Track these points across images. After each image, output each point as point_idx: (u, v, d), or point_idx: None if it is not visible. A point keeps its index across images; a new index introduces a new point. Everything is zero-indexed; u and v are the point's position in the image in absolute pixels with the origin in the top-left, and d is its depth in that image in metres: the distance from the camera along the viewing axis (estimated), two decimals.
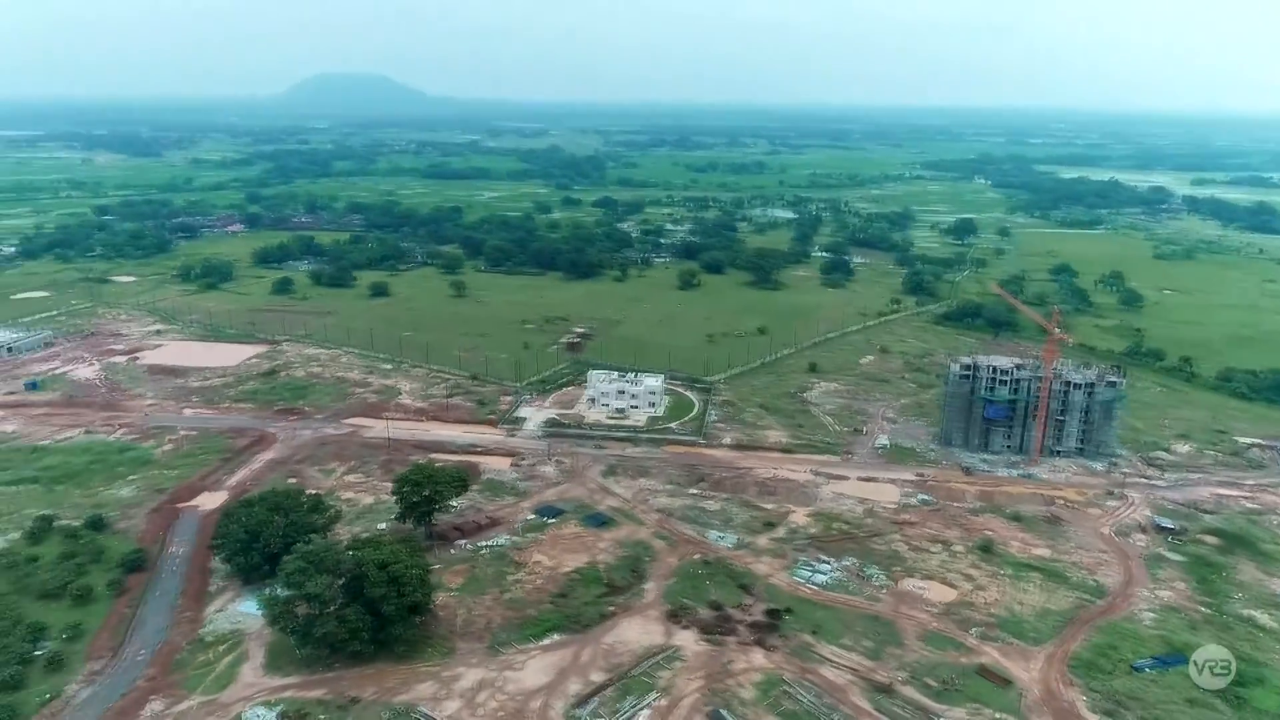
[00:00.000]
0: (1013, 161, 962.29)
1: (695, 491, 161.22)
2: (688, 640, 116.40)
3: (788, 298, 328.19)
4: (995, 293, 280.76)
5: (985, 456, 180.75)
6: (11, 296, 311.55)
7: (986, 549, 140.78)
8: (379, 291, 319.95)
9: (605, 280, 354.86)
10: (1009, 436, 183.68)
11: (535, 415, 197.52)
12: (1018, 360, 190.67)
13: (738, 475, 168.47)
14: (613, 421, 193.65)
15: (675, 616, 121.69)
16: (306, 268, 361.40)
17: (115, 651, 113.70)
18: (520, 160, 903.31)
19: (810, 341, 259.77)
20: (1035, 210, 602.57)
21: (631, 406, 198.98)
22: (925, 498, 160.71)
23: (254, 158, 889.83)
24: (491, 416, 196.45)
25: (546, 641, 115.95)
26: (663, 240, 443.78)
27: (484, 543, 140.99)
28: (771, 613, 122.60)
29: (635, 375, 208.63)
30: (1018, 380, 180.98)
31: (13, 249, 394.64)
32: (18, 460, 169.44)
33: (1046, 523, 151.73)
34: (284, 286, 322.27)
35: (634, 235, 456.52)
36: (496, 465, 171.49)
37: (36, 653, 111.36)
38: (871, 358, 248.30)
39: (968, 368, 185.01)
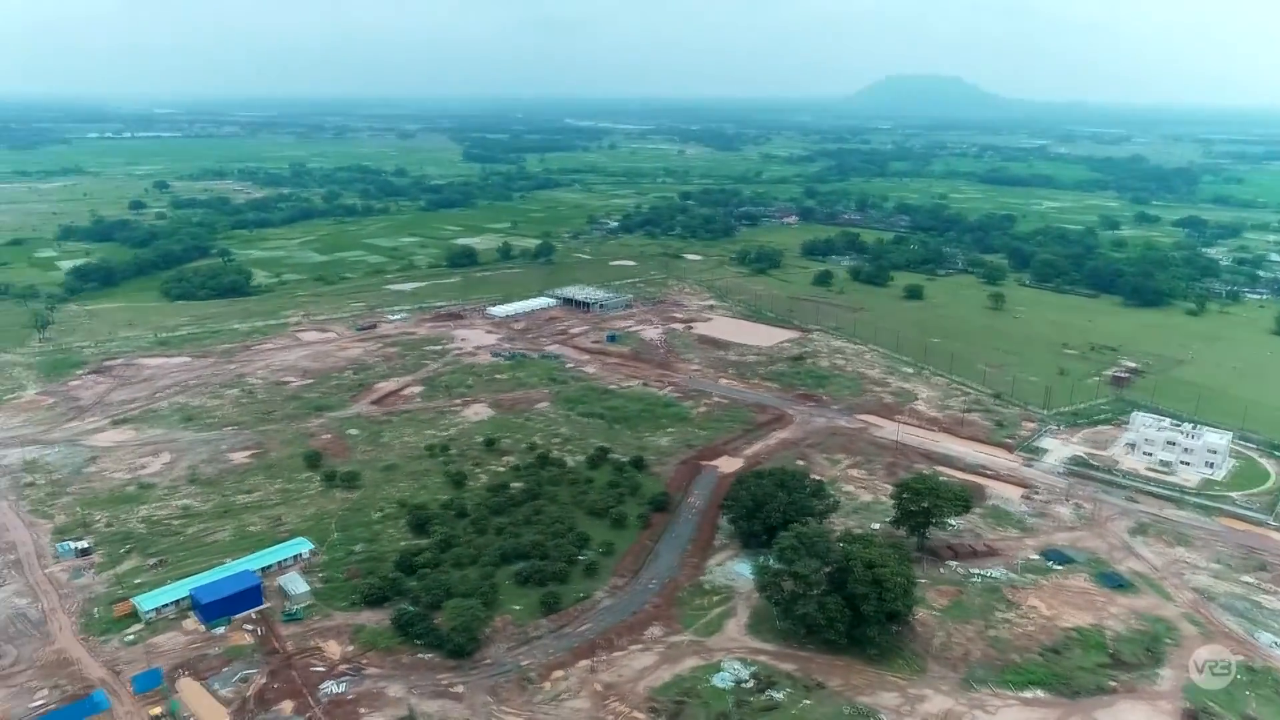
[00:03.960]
0: None
1: (1250, 580, 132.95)
2: None
3: None
4: None
5: None
6: (609, 263, 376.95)
7: None
8: (913, 294, 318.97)
9: (1174, 312, 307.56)
10: None
11: (1059, 449, 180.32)
12: None
13: None
14: (1153, 474, 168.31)
15: (1195, 718, 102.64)
16: (847, 263, 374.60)
17: (634, 575, 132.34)
18: (1091, 169, 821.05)
19: None
20: None
21: (1181, 462, 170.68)
22: None
23: (817, 155, 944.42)
24: (1009, 440, 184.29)
25: (1027, 694, 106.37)
26: (1261, 273, 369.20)
27: (976, 570, 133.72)
28: None
29: (1194, 427, 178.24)
30: None
31: (615, 223, 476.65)
32: (592, 398, 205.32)
33: None
34: (824, 279, 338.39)
35: (1222, 263, 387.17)
36: (1004, 493, 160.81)
37: (580, 558, 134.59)
38: None
39: None
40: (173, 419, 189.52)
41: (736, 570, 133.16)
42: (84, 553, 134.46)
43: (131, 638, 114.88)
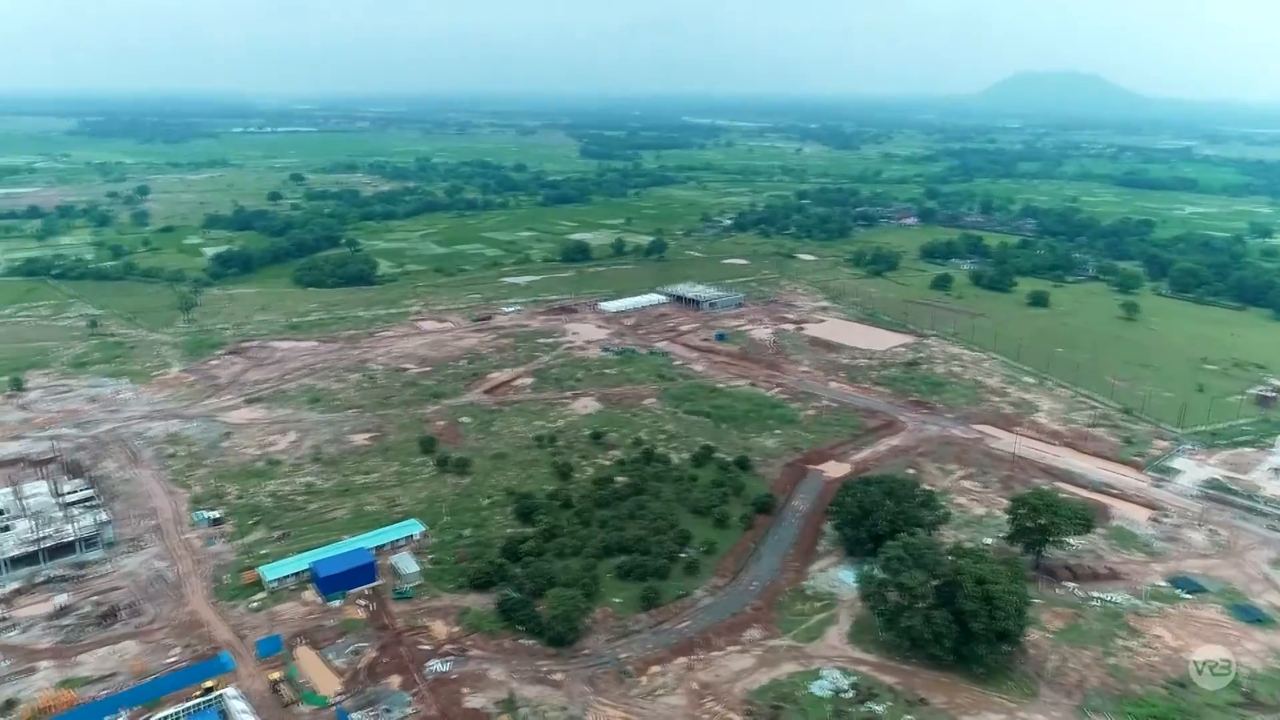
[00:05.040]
0: None
1: None
2: None
3: None
4: None
5: None
6: (721, 261, 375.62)
7: None
8: (1037, 301, 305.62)
9: None
10: None
11: (1193, 470, 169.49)
12: None
13: None
14: None
15: None
16: (968, 267, 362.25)
17: (735, 576, 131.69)
18: (1241, 172, 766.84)
19: None
20: None
21: None
22: None
23: (940, 154, 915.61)
24: (1137, 459, 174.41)
25: None
26: None
27: (1096, 594, 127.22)
28: None
29: None
30: None
31: (729, 221, 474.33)
32: (699, 396, 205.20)
33: None
34: (942, 283, 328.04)
35: None
36: (1130, 514, 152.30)
37: (681, 555, 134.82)
38: None
39: None
40: (300, 400, 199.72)
41: (840, 577, 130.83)
42: (216, 522, 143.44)
43: (256, 605, 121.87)
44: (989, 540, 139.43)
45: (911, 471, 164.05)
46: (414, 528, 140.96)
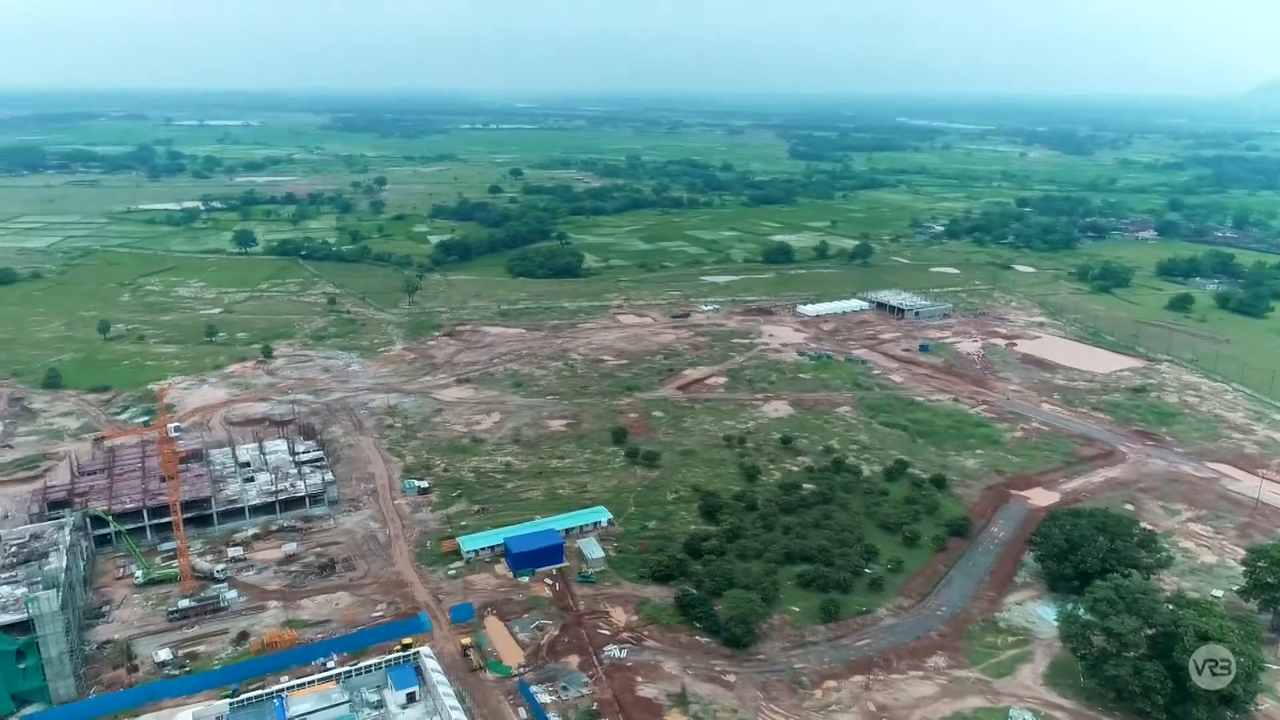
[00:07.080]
0: None
1: None
2: None
3: None
4: None
5: None
6: (929, 269, 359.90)
7: None
8: None
9: None
10: None
11: None
12: None
13: None
14: None
15: None
16: (1213, 288, 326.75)
17: (922, 598, 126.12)
18: None
19: None
20: None
21: None
22: None
23: (1188, 162, 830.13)
24: None
25: None
26: None
27: None
28: None
29: None
30: None
31: (941, 228, 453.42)
32: (896, 408, 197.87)
33: None
34: (1181, 303, 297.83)
35: None
36: None
37: (865, 570, 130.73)
38: None
39: None
40: (505, 383, 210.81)
41: (1038, 613, 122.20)
42: (424, 491, 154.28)
43: (453, 572, 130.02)
44: (1218, 592, 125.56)
45: (1130, 507, 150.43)
46: (601, 515, 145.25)
